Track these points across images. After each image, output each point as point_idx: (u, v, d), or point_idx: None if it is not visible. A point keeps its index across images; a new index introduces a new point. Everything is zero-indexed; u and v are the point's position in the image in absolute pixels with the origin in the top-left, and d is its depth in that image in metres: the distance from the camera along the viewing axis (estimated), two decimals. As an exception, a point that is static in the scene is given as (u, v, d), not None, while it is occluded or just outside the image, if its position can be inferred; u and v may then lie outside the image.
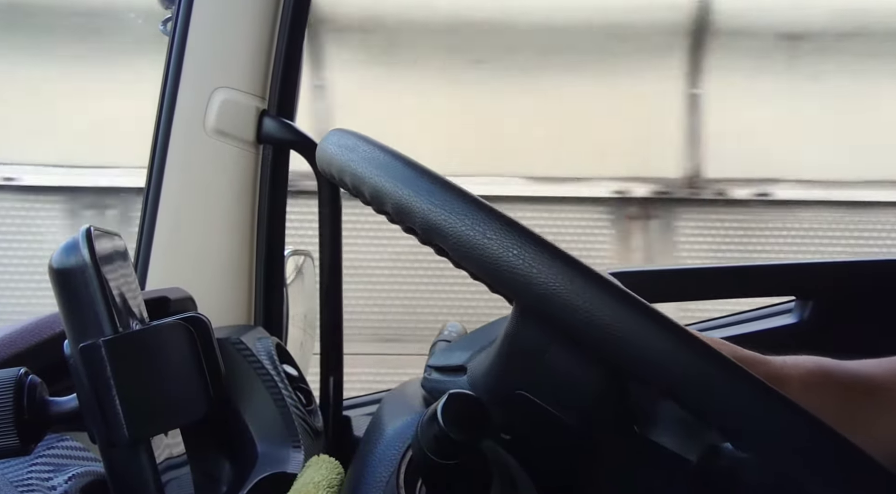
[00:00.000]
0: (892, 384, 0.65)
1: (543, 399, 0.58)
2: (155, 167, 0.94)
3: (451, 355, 0.66)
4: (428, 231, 0.51)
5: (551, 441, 0.60)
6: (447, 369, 0.66)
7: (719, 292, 1.37)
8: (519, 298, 0.52)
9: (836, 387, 0.64)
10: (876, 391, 0.64)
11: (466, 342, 0.67)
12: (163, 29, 0.97)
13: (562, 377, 0.57)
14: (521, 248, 0.48)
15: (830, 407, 0.51)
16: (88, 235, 0.50)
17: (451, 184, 0.51)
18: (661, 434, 0.59)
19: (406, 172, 0.52)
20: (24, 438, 0.49)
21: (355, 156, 0.55)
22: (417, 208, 0.51)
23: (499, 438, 0.59)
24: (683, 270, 1.45)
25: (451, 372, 0.65)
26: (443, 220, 0.50)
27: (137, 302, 0.56)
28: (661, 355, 0.46)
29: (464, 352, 0.65)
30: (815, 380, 0.63)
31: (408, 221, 0.52)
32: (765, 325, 1.33)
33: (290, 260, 1.06)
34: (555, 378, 0.57)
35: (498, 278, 0.49)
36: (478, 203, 0.50)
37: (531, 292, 0.48)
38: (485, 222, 0.49)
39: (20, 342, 0.64)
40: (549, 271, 0.48)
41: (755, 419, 0.46)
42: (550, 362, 0.56)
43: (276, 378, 0.78)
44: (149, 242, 0.94)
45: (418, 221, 0.51)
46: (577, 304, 0.47)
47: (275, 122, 0.95)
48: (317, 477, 0.63)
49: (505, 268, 0.48)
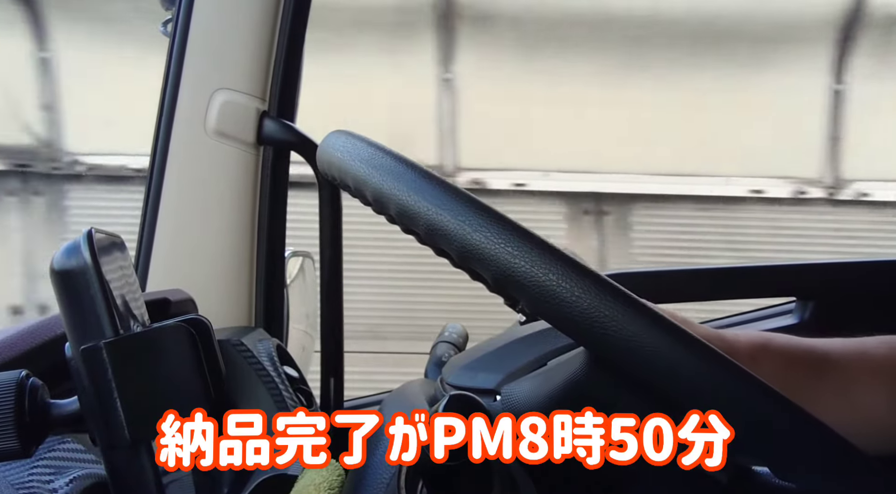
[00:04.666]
0: (849, 362, 0.66)
1: None
2: (155, 168, 0.94)
3: (475, 376, 0.65)
4: (465, 258, 0.49)
5: (596, 474, 0.60)
6: (473, 391, 0.65)
7: (720, 294, 1.37)
8: (602, 351, 0.50)
9: (784, 360, 0.64)
10: (828, 368, 0.65)
11: (491, 363, 0.66)
12: (163, 30, 0.97)
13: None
14: (611, 305, 0.46)
15: (775, 379, 0.52)
16: (90, 237, 0.50)
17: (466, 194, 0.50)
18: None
19: (409, 174, 0.52)
20: (25, 440, 0.49)
21: (355, 157, 0.55)
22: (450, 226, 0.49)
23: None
24: (685, 271, 1.45)
25: (478, 395, 0.64)
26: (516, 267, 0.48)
27: (138, 304, 0.56)
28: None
29: (490, 374, 0.64)
30: (763, 352, 0.64)
31: (412, 226, 0.51)
32: (765, 326, 1.33)
33: (291, 261, 1.06)
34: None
35: (579, 331, 0.47)
36: (543, 244, 0.48)
37: (617, 347, 0.47)
38: (560, 270, 0.47)
39: (21, 344, 0.64)
40: (634, 326, 0.46)
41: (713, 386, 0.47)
42: (621, 409, 0.56)
43: (276, 380, 0.78)
44: (149, 243, 0.94)
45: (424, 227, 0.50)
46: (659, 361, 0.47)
47: (275, 123, 0.95)
48: (317, 479, 0.63)
49: (587, 322, 0.47)
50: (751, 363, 0.51)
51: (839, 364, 0.65)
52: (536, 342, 0.66)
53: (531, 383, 0.62)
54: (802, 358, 0.65)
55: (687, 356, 0.46)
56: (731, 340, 0.65)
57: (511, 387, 0.63)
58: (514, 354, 0.66)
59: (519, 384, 0.63)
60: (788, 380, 0.61)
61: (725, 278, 1.35)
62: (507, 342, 0.68)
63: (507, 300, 0.57)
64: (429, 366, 0.90)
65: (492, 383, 0.64)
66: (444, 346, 0.92)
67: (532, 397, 0.61)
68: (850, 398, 0.64)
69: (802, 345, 0.66)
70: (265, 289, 0.98)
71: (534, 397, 0.60)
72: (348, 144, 0.56)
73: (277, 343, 0.85)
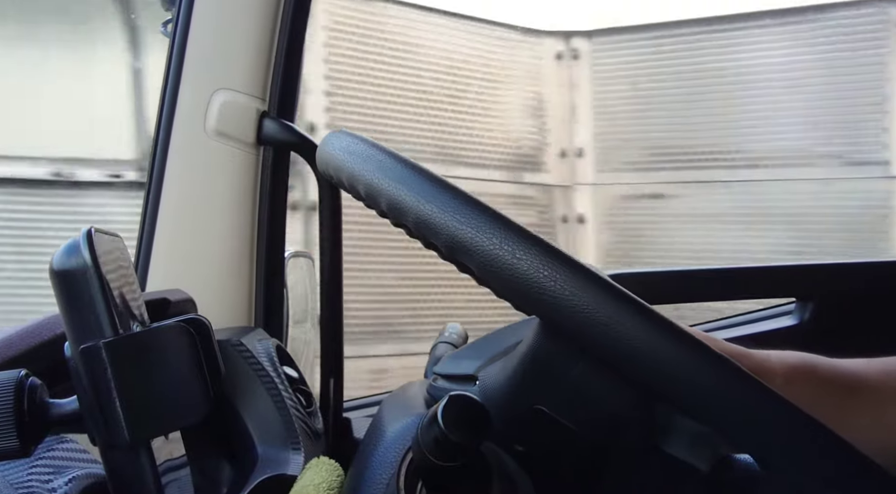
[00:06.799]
0: (878, 383, 0.64)
1: (562, 415, 0.57)
2: (155, 169, 0.94)
3: (459, 363, 0.66)
4: (452, 249, 0.50)
5: (566, 453, 0.60)
6: (455, 377, 0.65)
7: (719, 294, 1.37)
8: (547, 317, 0.51)
9: (819, 382, 0.63)
10: (861, 389, 0.64)
11: (474, 351, 0.67)
12: (163, 30, 0.97)
13: (585, 393, 0.56)
14: (553, 269, 0.47)
15: (813, 402, 0.51)
16: (89, 236, 0.50)
17: (463, 192, 0.51)
18: (672, 444, 0.59)
19: (408, 174, 0.52)
20: (25, 440, 0.49)
21: (355, 157, 0.55)
22: (441, 221, 0.49)
23: (512, 449, 0.59)
24: (684, 271, 1.45)
25: (459, 381, 0.64)
26: (468, 238, 0.48)
27: (138, 304, 0.56)
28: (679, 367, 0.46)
29: (472, 361, 0.65)
30: (798, 374, 0.63)
31: (431, 237, 0.51)
32: (765, 326, 1.33)
33: (291, 261, 1.06)
34: (577, 395, 0.57)
35: (526, 299, 0.48)
36: (498, 217, 0.49)
37: (560, 313, 0.47)
38: (513, 240, 0.48)
39: (20, 343, 0.64)
40: (582, 294, 0.47)
41: (740, 411, 0.46)
42: (575, 379, 0.56)
43: (276, 380, 0.78)
44: (149, 243, 0.94)
45: (418, 224, 0.50)
46: (602, 321, 0.46)
47: (275, 123, 0.95)
48: (317, 479, 0.63)
49: (534, 289, 0.47)
50: (787, 386, 0.51)
51: (869, 385, 0.64)
52: (519, 328, 0.66)
53: (501, 364, 0.62)
54: (834, 379, 0.64)
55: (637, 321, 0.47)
56: (761, 359, 0.63)
57: (486, 371, 0.63)
58: (497, 340, 0.66)
59: (493, 366, 0.63)
60: (821, 403, 0.59)
61: (725, 278, 1.36)
62: (493, 331, 0.68)
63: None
64: (428, 366, 0.90)
65: (472, 368, 0.64)
66: (443, 346, 0.91)
67: (501, 377, 0.61)
68: (884, 421, 0.63)
69: (833, 366, 0.65)
70: (265, 289, 0.98)
71: (501, 377, 0.61)
72: (348, 144, 0.56)
73: (277, 344, 0.85)
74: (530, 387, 0.58)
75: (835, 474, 0.46)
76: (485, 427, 0.51)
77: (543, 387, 0.58)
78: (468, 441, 0.51)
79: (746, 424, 0.46)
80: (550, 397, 0.58)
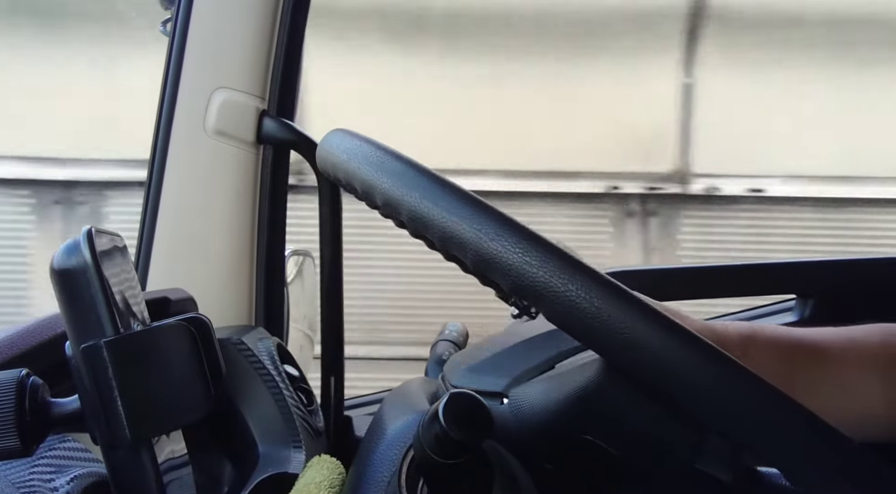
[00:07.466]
0: (838, 352, 0.65)
1: (610, 444, 0.57)
2: (155, 168, 0.94)
3: (481, 378, 0.65)
4: (479, 264, 0.48)
5: (603, 474, 0.60)
6: (481, 394, 0.64)
7: (721, 291, 1.37)
8: (616, 359, 0.49)
9: (772, 350, 0.64)
10: (820, 358, 0.64)
11: (496, 366, 0.66)
12: (163, 30, 0.97)
13: (639, 429, 0.56)
14: (624, 312, 0.46)
15: (769, 369, 0.51)
16: (90, 235, 0.50)
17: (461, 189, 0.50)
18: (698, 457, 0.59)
19: (408, 172, 0.52)
20: (26, 439, 0.49)
21: (355, 156, 0.55)
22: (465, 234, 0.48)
23: (539, 466, 0.59)
24: (684, 269, 1.45)
25: (484, 398, 0.64)
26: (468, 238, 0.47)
27: (138, 303, 0.56)
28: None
29: (496, 377, 0.64)
30: (754, 342, 0.63)
31: (423, 230, 0.51)
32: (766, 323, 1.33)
33: (291, 260, 1.06)
34: (630, 430, 0.57)
35: (591, 336, 0.47)
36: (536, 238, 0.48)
37: (631, 355, 0.46)
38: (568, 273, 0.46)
39: (21, 343, 0.64)
40: (649, 332, 0.46)
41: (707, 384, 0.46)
42: (635, 419, 0.56)
43: (277, 379, 0.78)
44: (149, 242, 0.94)
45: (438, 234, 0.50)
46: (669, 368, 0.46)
47: (275, 122, 0.95)
48: (318, 478, 0.63)
49: (602, 327, 0.46)
50: (741, 356, 0.51)
51: (831, 354, 0.64)
52: (543, 344, 0.66)
53: (540, 387, 0.61)
54: (794, 349, 0.64)
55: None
56: (720, 331, 0.64)
57: (519, 391, 0.62)
58: (521, 356, 0.65)
59: (528, 387, 0.62)
60: (782, 372, 0.60)
61: (725, 275, 1.35)
62: (513, 344, 0.67)
63: (499, 293, 0.57)
64: (429, 365, 0.90)
65: (499, 386, 0.63)
66: (444, 344, 0.91)
67: (540, 402, 0.60)
68: (845, 389, 0.63)
69: (793, 335, 0.66)
70: (265, 288, 0.98)
71: (542, 402, 0.60)
72: (348, 143, 0.56)
73: (278, 342, 0.85)
74: (583, 420, 0.58)
75: (800, 440, 0.46)
76: (486, 425, 0.51)
77: (596, 421, 0.57)
78: (469, 439, 0.51)
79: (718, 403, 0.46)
80: (601, 430, 0.58)
